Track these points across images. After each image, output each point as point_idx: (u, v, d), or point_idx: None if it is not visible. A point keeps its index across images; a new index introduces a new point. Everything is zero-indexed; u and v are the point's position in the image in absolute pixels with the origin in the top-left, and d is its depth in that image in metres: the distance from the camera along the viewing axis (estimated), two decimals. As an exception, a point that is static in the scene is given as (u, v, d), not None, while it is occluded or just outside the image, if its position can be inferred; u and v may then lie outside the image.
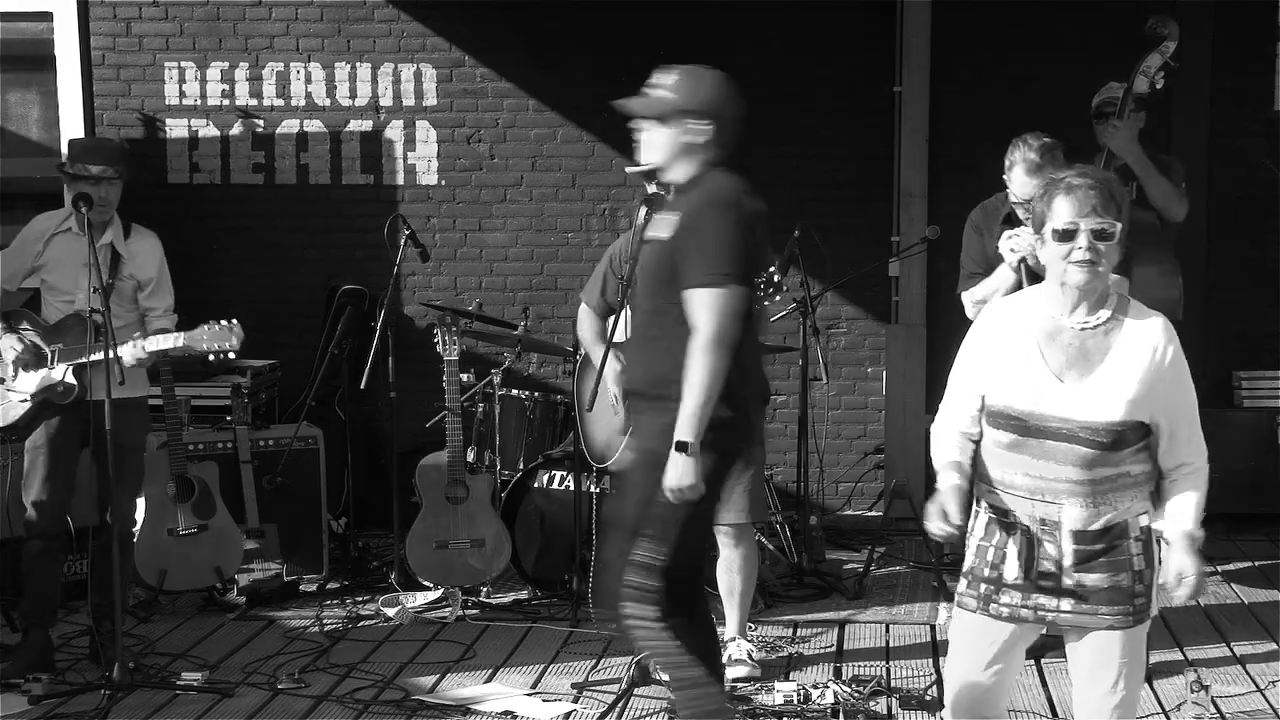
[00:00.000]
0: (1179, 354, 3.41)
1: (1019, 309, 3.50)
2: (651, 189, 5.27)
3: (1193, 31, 7.54)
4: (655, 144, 4.18)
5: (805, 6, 7.74)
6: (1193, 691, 4.95)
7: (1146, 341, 3.38)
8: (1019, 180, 5.21)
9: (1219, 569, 6.75)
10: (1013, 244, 5.18)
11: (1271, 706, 4.97)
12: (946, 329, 6.35)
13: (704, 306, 3.89)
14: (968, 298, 5.36)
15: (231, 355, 5.38)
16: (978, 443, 3.53)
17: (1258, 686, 5.18)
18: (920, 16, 7.61)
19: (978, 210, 5.49)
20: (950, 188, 7.54)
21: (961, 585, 3.56)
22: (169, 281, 5.72)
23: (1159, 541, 3.46)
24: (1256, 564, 6.85)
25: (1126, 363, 3.37)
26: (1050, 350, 3.41)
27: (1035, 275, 5.17)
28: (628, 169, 5.51)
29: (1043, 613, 3.44)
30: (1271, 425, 7.23)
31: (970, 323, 3.77)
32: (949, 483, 3.47)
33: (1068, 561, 3.40)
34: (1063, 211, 3.37)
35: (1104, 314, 3.41)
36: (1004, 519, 3.48)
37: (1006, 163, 5.27)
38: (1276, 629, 5.81)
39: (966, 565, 3.55)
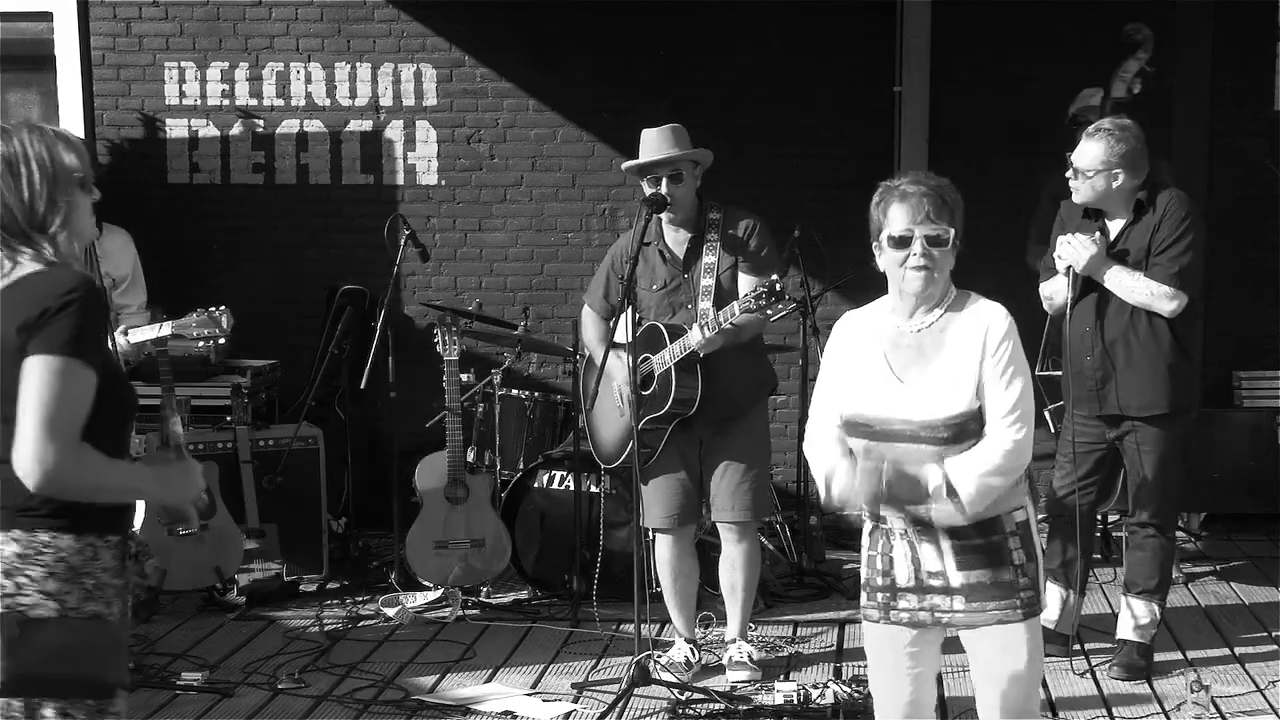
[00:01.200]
0: (1008, 338, 3.40)
1: (865, 321, 3.58)
2: (649, 190, 5.28)
3: (1193, 31, 7.54)
4: None
5: (805, 6, 7.73)
6: (1193, 691, 4.95)
7: (976, 329, 3.41)
8: (1078, 149, 5.23)
9: (1219, 569, 6.76)
10: (1061, 250, 5.20)
11: (1271, 706, 4.97)
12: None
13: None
14: (1041, 290, 5.43)
15: (221, 341, 5.37)
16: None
17: (1258, 686, 5.18)
18: (920, 16, 7.60)
19: (1064, 204, 5.48)
20: (950, 188, 7.53)
21: (862, 598, 3.58)
22: (143, 279, 5.71)
23: (1036, 534, 3.48)
24: (1256, 564, 6.84)
25: (958, 354, 3.40)
26: (893, 356, 3.46)
27: (1089, 282, 5.20)
28: (623, 165, 5.50)
29: (939, 614, 3.46)
30: (1271, 425, 7.22)
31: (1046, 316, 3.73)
32: (840, 463, 3.47)
33: (949, 560, 3.42)
34: (897, 219, 3.44)
35: (938, 313, 3.45)
36: (883, 524, 3.50)
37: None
38: (1276, 629, 5.81)
39: (863, 578, 3.57)
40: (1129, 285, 5.15)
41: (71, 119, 7.81)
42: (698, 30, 7.78)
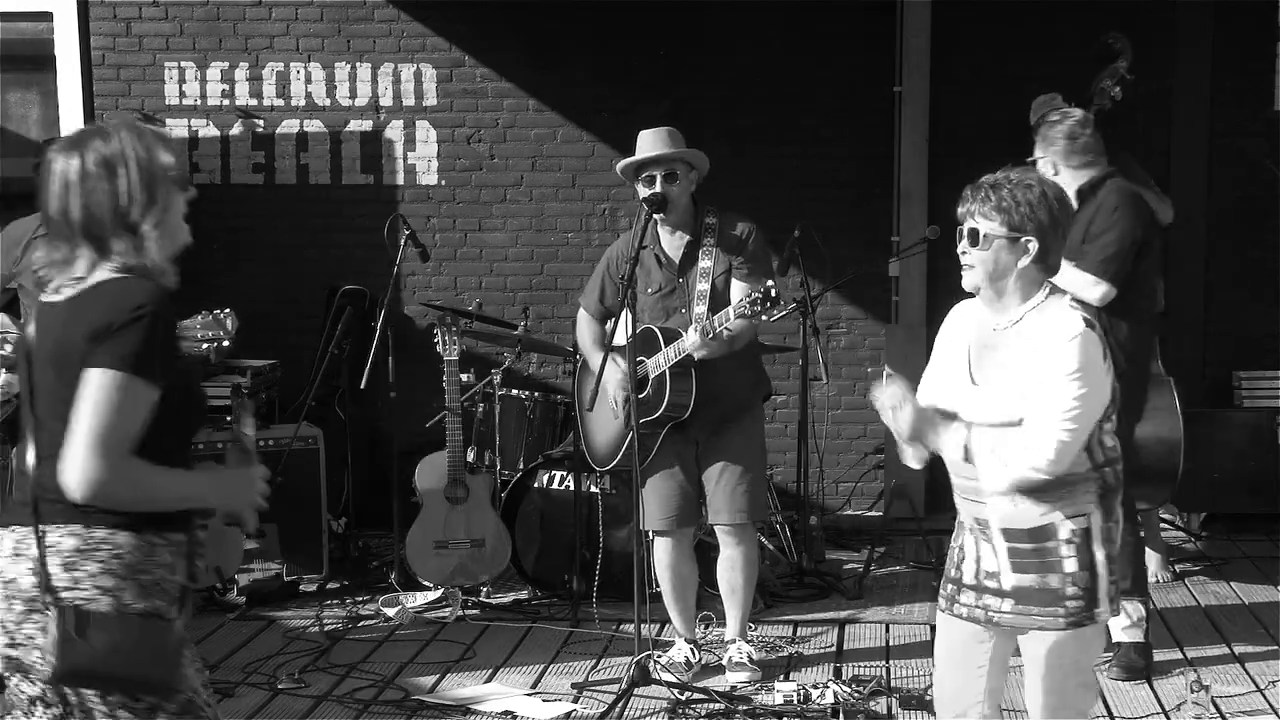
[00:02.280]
0: (1070, 349, 3.28)
1: (967, 313, 3.55)
2: (644, 190, 5.27)
3: (1193, 31, 7.55)
4: None
5: (805, 6, 7.73)
6: (1193, 691, 4.95)
7: (1043, 337, 3.34)
8: None
9: (1219, 569, 6.76)
10: None
11: (1271, 706, 4.97)
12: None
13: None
14: None
15: (226, 343, 5.37)
16: None
17: (1258, 686, 5.18)
18: (920, 16, 7.60)
19: None
20: (950, 188, 7.50)
21: (942, 585, 3.61)
22: None
23: (1103, 543, 3.38)
24: (1256, 564, 6.84)
25: (1023, 361, 3.35)
26: (978, 353, 3.45)
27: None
28: (618, 165, 5.47)
29: (990, 613, 3.44)
30: (1271, 425, 7.22)
31: None
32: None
33: (1003, 561, 3.40)
34: (960, 212, 3.44)
35: (1019, 314, 3.40)
36: (959, 520, 3.53)
37: None
38: (1276, 629, 5.81)
39: (946, 567, 3.61)
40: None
41: (71, 119, 7.81)
42: (698, 30, 7.78)
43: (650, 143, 5.29)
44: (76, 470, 2.69)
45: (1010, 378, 3.36)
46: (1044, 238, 3.38)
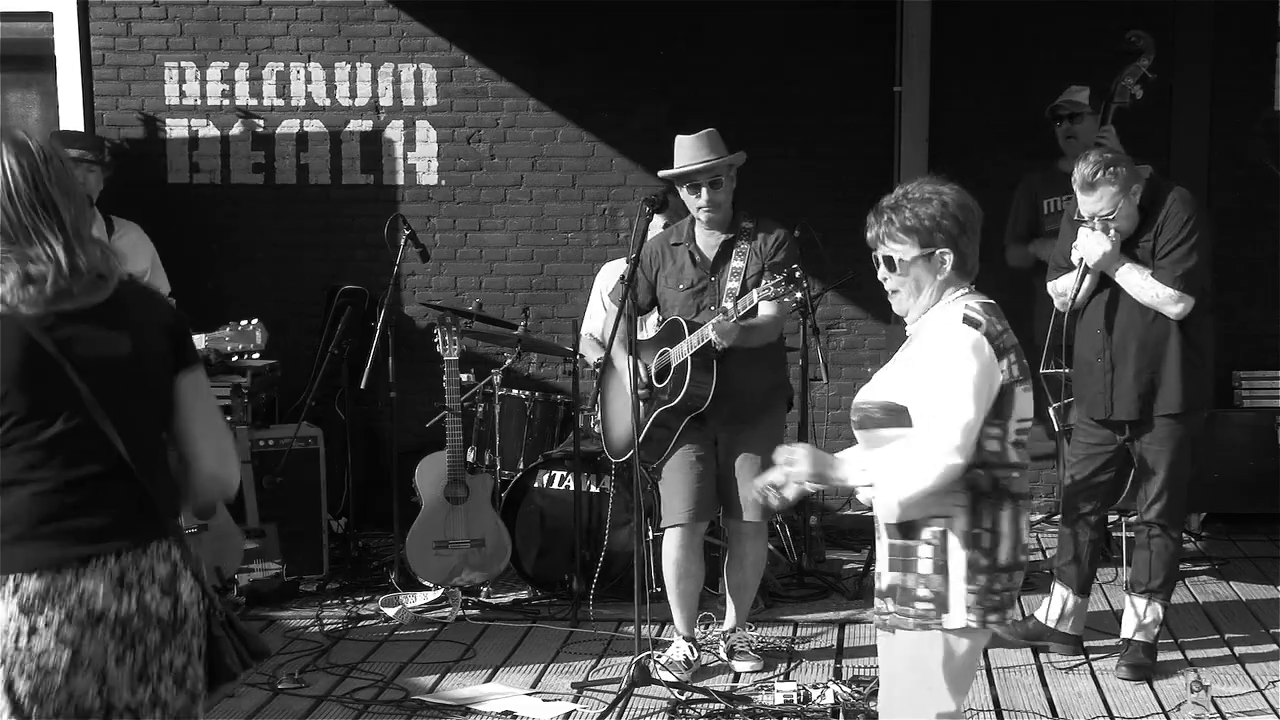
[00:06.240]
0: (949, 348, 3.27)
1: None
2: (689, 198, 5.27)
3: (1193, 31, 7.55)
4: None
5: (805, 6, 7.74)
6: (1193, 691, 4.95)
7: (926, 335, 3.37)
8: (1079, 199, 5.22)
9: (1219, 568, 6.76)
10: (1079, 241, 5.25)
11: (1271, 706, 4.97)
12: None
13: None
14: (1050, 288, 5.50)
15: (256, 356, 5.37)
16: None
17: (1258, 686, 5.18)
18: (920, 16, 7.61)
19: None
20: (950, 188, 7.52)
21: None
22: (163, 270, 5.68)
23: (966, 549, 3.30)
24: (1256, 564, 6.84)
25: (904, 354, 3.39)
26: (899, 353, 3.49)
27: (1102, 279, 5.23)
28: (661, 174, 5.45)
29: (883, 615, 3.40)
30: (1271, 425, 7.22)
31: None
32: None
33: (883, 558, 3.39)
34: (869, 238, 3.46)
35: (916, 317, 3.43)
36: None
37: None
38: (1276, 629, 5.81)
39: None
40: (1138, 284, 5.18)
41: (71, 119, 7.81)
42: (698, 30, 7.78)
43: (694, 150, 5.28)
44: (233, 466, 2.94)
45: (900, 365, 3.39)
46: (956, 245, 3.38)
